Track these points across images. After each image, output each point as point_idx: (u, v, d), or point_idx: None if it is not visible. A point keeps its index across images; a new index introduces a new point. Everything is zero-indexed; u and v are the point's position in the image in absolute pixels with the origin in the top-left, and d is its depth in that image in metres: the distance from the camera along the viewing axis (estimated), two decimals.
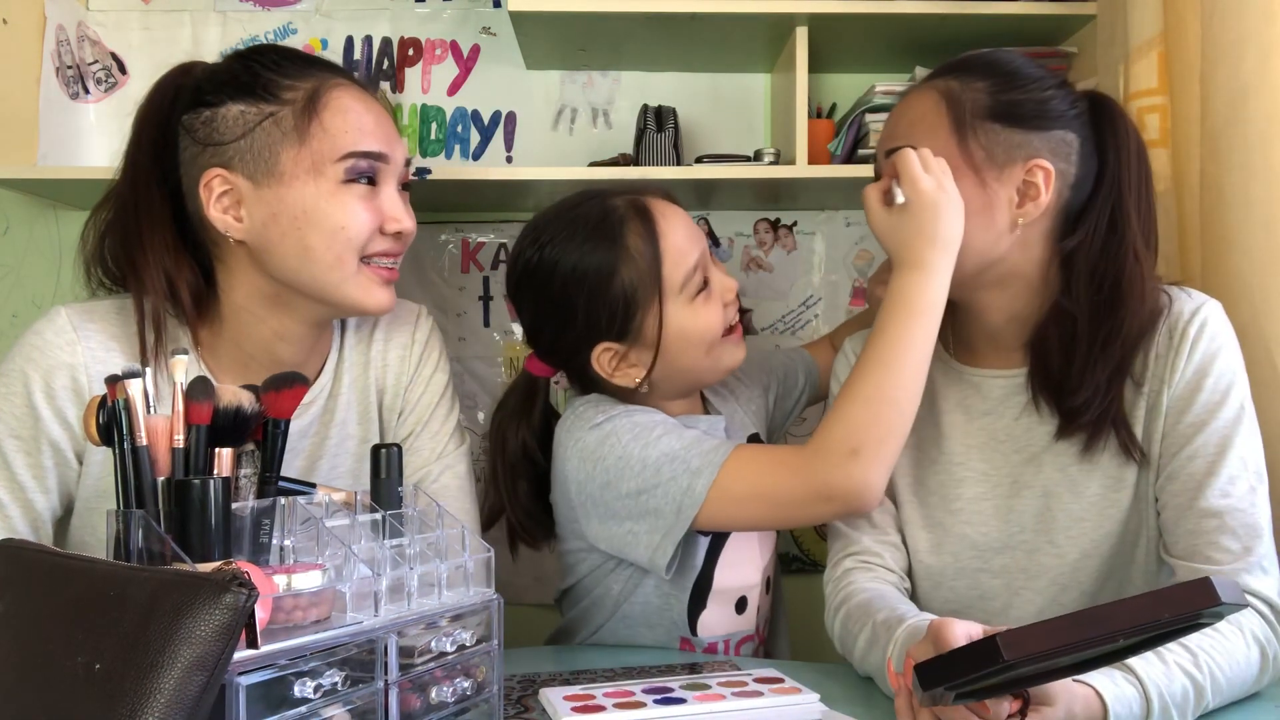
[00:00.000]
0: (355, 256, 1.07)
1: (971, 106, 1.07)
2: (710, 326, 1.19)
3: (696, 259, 1.18)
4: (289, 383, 0.88)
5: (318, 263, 1.06)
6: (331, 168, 1.05)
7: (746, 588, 1.26)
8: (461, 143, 1.91)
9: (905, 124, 1.11)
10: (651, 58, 1.85)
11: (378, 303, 1.11)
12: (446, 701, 0.83)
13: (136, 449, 0.79)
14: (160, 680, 0.61)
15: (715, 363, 1.23)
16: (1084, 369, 1.06)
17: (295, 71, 1.07)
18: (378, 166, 1.08)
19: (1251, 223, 1.21)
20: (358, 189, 1.07)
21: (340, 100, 1.07)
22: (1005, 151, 1.06)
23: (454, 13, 1.90)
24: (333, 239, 1.06)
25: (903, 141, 1.08)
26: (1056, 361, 1.08)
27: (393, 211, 1.09)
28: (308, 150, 1.05)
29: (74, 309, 1.09)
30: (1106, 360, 1.06)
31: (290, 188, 1.05)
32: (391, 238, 1.11)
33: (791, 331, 1.94)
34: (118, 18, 1.87)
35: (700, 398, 1.34)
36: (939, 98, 1.09)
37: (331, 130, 1.05)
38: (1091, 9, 1.61)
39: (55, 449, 1.06)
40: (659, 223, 1.17)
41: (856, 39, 1.71)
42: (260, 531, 0.81)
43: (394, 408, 1.24)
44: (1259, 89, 1.19)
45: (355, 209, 1.06)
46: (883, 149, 1.12)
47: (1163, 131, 1.36)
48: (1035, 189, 1.06)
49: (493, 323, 1.93)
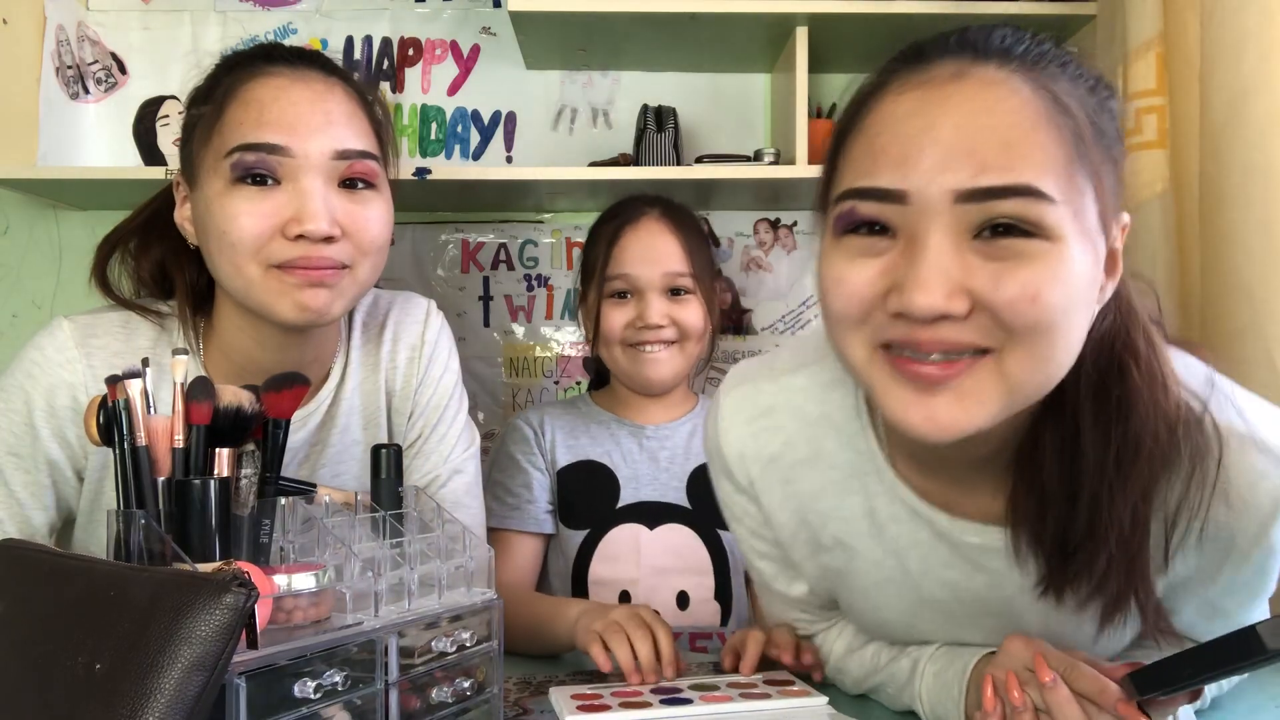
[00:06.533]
0: (252, 263, 0.95)
1: (1084, 117, 0.68)
2: (610, 326, 1.41)
3: (628, 272, 1.40)
4: (289, 383, 0.87)
5: (220, 269, 0.98)
6: (222, 164, 0.95)
7: (626, 582, 1.39)
8: (461, 143, 1.91)
9: (995, 143, 0.65)
10: (651, 58, 1.85)
11: (290, 313, 0.96)
12: (446, 702, 0.83)
13: (136, 449, 0.79)
14: (160, 680, 0.61)
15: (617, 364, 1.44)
16: (1095, 501, 0.72)
17: (239, 67, 0.99)
18: (273, 160, 0.94)
19: (1251, 223, 1.21)
20: (246, 189, 0.95)
21: (252, 91, 0.96)
22: (1115, 200, 0.70)
23: (454, 13, 1.90)
24: (220, 243, 0.96)
25: (1001, 177, 0.64)
26: (1051, 474, 0.74)
27: (298, 211, 0.94)
28: (211, 148, 0.97)
29: (77, 323, 1.04)
30: (1123, 485, 0.72)
31: (201, 190, 0.98)
32: (299, 241, 0.95)
33: (791, 331, 1.94)
34: (118, 18, 1.87)
35: None
36: (1035, 99, 0.66)
37: (229, 123, 0.95)
38: (1091, 9, 1.61)
39: (53, 467, 1.03)
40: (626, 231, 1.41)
41: (856, 39, 1.71)
42: (260, 531, 0.81)
43: (403, 410, 1.18)
44: (1259, 89, 1.19)
45: (237, 211, 0.94)
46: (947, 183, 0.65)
47: (1161, 132, 1.37)
48: (1116, 258, 0.71)
49: (493, 323, 1.93)
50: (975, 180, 0.64)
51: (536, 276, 1.93)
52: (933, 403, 0.67)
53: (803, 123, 1.65)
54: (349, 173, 0.98)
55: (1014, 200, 0.64)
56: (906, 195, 0.66)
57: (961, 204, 0.65)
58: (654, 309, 1.39)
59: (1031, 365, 0.67)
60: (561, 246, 1.93)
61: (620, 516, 1.41)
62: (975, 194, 0.64)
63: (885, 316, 0.68)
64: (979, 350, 0.67)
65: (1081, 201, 0.66)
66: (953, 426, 0.67)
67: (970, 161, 0.64)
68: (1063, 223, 0.65)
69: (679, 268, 1.40)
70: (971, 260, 0.65)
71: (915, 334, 0.66)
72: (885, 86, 0.71)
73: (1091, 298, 0.69)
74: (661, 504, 1.42)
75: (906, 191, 0.66)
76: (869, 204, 0.68)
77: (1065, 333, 0.67)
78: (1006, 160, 0.64)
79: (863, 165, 0.69)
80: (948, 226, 0.65)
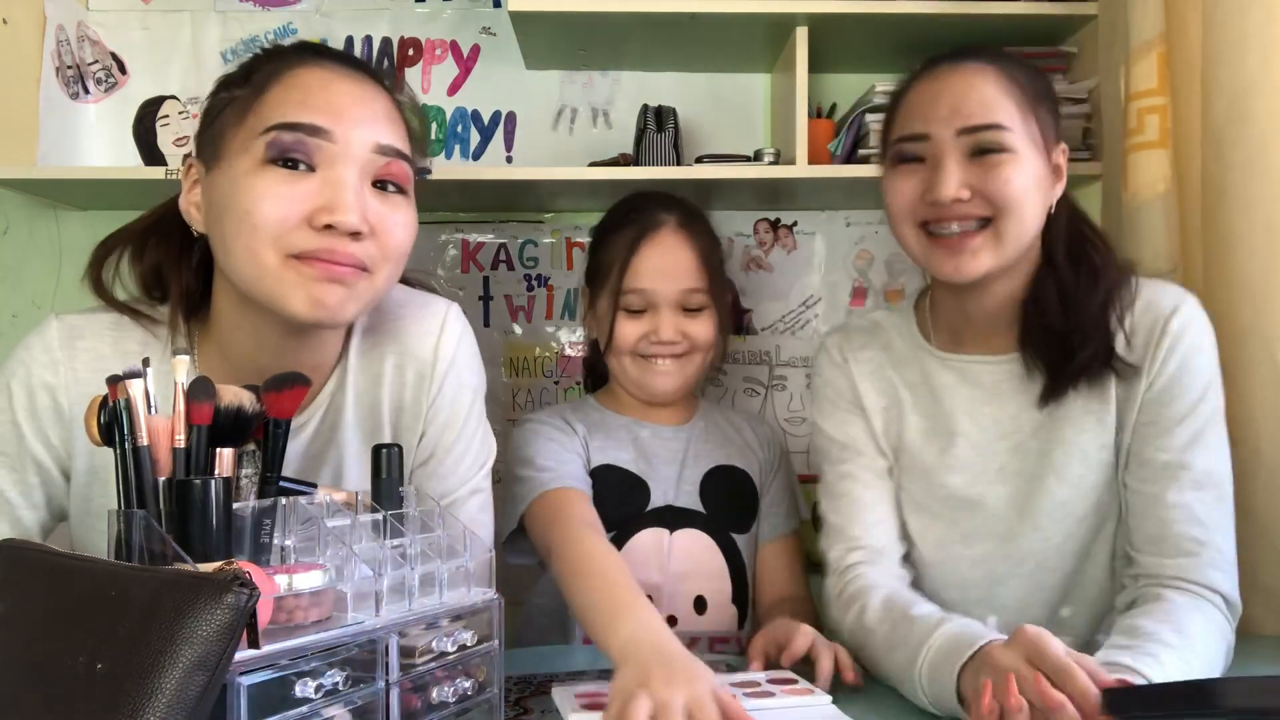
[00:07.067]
0: (270, 250, 0.91)
1: (1030, 89, 1.12)
2: (623, 338, 1.40)
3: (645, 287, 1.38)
4: (290, 383, 0.87)
5: (233, 254, 0.92)
6: (256, 142, 0.91)
7: (650, 587, 1.34)
8: (461, 143, 1.91)
9: (977, 102, 1.10)
10: (651, 58, 1.85)
11: (301, 307, 0.92)
12: (447, 701, 0.82)
13: (137, 449, 0.79)
14: (161, 680, 0.61)
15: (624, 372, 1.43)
16: (1080, 309, 1.13)
17: (284, 55, 0.97)
18: (312, 144, 0.91)
19: (1253, 223, 1.21)
20: (279, 172, 0.91)
21: (299, 76, 0.94)
22: (1053, 133, 1.14)
23: (454, 13, 1.90)
24: (240, 226, 0.91)
25: (981, 119, 1.09)
26: (1055, 313, 1.13)
27: (330, 201, 0.91)
28: (244, 126, 0.93)
29: (66, 323, 1.01)
30: (1094, 297, 1.13)
31: (225, 169, 0.93)
32: (326, 233, 0.91)
33: (791, 331, 1.94)
34: (118, 18, 1.87)
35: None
36: (1000, 79, 1.11)
37: (270, 102, 0.92)
38: (1092, 9, 1.61)
39: (40, 466, 1.01)
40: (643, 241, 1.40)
41: (856, 39, 1.71)
42: (261, 531, 0.81)
43: (413, 429, 1.09)
44: (1260, 89, 1.19)
45: (268, 191, 0.90)
46: (953, 126, 1.10)
47: (1163, 132, 1.37)
48: (1060, 170, 1.15)
49: (493, 323, 1.93)
50: (967, 121, 1.10)
51: (536, 276, 1.93)
52: (957, 259, 1.12)
53: (803, 123, 1.65)
54: (384, 172, 0.96)
55: (990, 131, 1.10)
56: (929, 135, 1.12)
57: (961, 136, 1.10)
58: (667, 325, 1.38)
59: (1010, 228, 1.10)
60: (561, 246, 1.93)
61: (646, 521, 1.39)
62: (968, 130, 1.10)
63: (922, 205, 1.13)
64: (981, 222, 1.11)
65: (1029, 131, 1.11)
66: (972, 270, 1.11)
67: (964, 112, 1.10)
68: (1018, 143, 1.10)
69: (694, 284, 1.39)
70: (969, 168, 1.10)
71: (941, 212, 1.11)
72: (913, 80, 1.18)
73: (1045, 188, 1.13)
74: (680, 509, 1.41)
75: (928, 133, 1.12)
76: (909, 144, 1.14)
77: (1029, 207, 1.11)
78: (984, 111, 1.10)
79: (904, 123, 1.16)
80: (954, 150, 1.11)
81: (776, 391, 1.95)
